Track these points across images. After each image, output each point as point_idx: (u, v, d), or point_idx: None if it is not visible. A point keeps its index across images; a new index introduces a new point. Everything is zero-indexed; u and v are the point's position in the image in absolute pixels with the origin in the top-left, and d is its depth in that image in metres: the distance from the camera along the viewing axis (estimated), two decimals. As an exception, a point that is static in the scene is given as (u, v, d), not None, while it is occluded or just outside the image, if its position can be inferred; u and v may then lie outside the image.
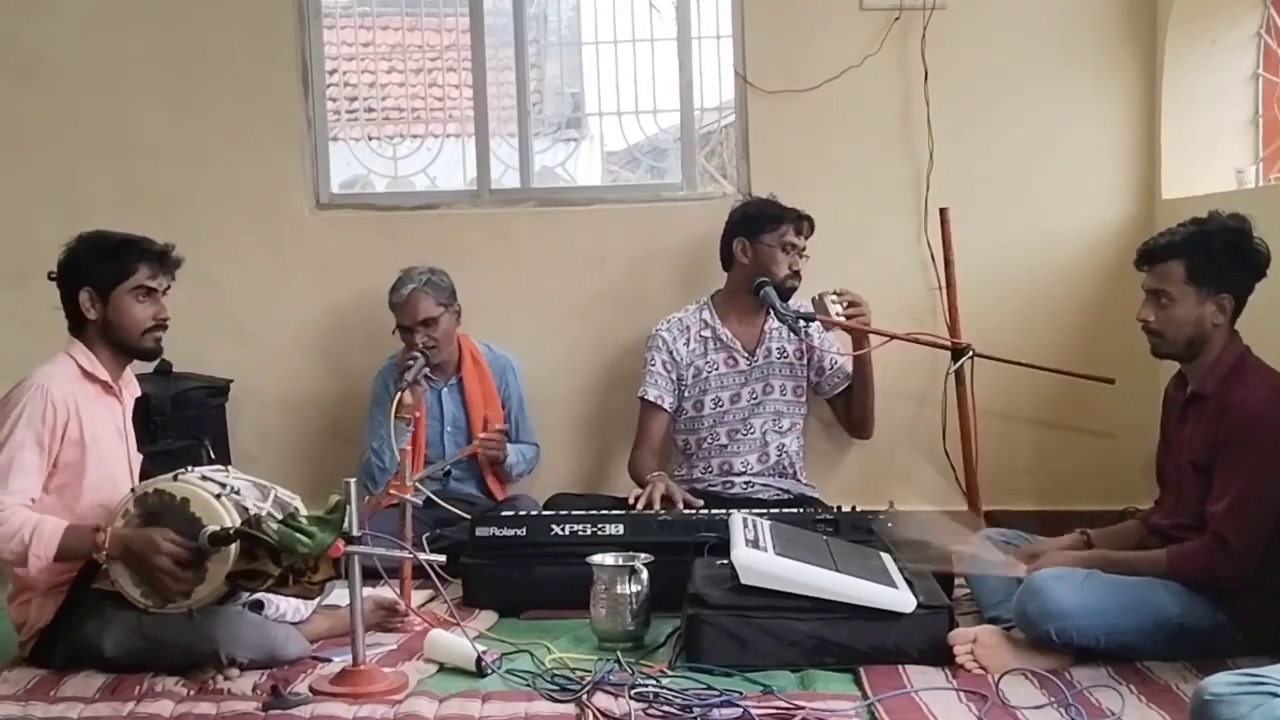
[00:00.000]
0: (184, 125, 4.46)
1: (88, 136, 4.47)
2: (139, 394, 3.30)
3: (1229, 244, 2.92)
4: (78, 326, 3.12)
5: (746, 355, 4.01)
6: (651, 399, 4.00)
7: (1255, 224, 2.94)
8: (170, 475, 2.92)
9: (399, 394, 3.69)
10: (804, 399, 4.06)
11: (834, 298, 3.91)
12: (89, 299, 3.08)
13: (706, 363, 4.01)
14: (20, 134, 4.49)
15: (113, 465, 3.11)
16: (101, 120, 4.47)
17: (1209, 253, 2.91)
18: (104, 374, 3.10)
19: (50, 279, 3.13)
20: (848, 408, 4.11)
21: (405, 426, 3.68)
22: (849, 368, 4.04)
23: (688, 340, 4.03)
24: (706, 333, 4.03)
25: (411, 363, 3.85)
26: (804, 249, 3.99)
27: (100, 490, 3.04)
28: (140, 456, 3.25)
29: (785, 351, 4.02)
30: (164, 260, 3.15)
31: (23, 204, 4.48)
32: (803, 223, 3.98)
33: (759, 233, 3.96)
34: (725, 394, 4.00)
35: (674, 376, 4.02)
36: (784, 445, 4.01)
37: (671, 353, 4.01)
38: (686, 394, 4.03)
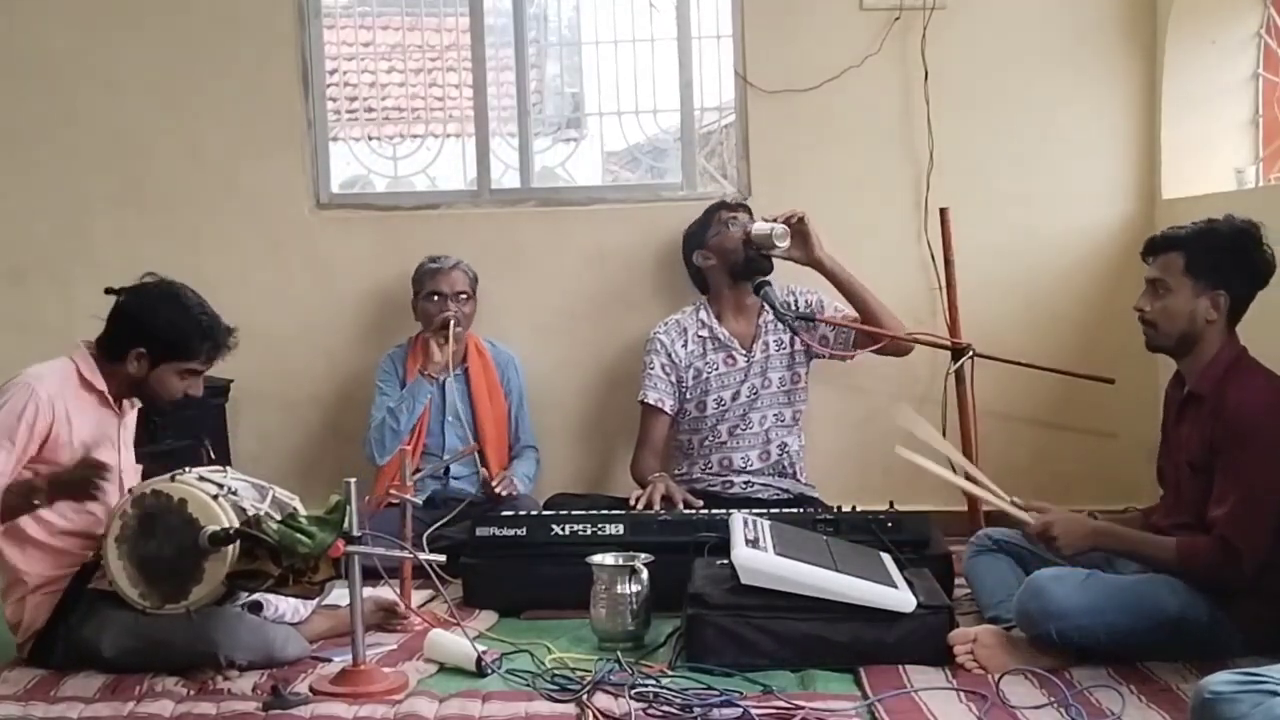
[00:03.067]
0: (184, 125, 4.46)
1: (88, 136, 4.47)
2: (139, 406, 3.27)
3: (1232, 242, 2.93)
4: (106, 354, 3.07)
5: (744, 352, 4.01)
6: (652, 402, 4.01)
7: (1264, 229, 2.94)
8: (167, 476, 2.91)
9: (432, 349, 3.92)
10: (803, 386, 4.04)
11: (770, 226, 3.91)
12: (137, 359, 3.04)
13: (706, 363, 4.01)
14: (20, 134, 4.49)
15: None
16: (101, 120, 4.47)
17: (1210, 247, 2.93)
18: (102, 385, 3.07)
19: (108, 293, 3.07)
20: (874, 340, 3.96)
21: (430, 384, 3.73)
22: (849, 310, 4.02)
23: (685, 342, 4.03)
24: (704, 333, 4.03)
25: (449, 315, 4.00)
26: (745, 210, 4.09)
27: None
28: (139, 468, 3.23)
29: (783, 343, 4.01)
30: (223, 352, 3.13)
31: (23, 203, 4.48)
32: (728, 208, 4.08)
33: (704, 237, 4.06)
34: (726, 393, 4.00)
35: (674, 379, 4.02)
36: (785, 444, 4.01)
37: (670, 355, 4.02)
38: (688, 395, 4.03)
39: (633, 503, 3.70)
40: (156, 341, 3.04)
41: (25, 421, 2.91)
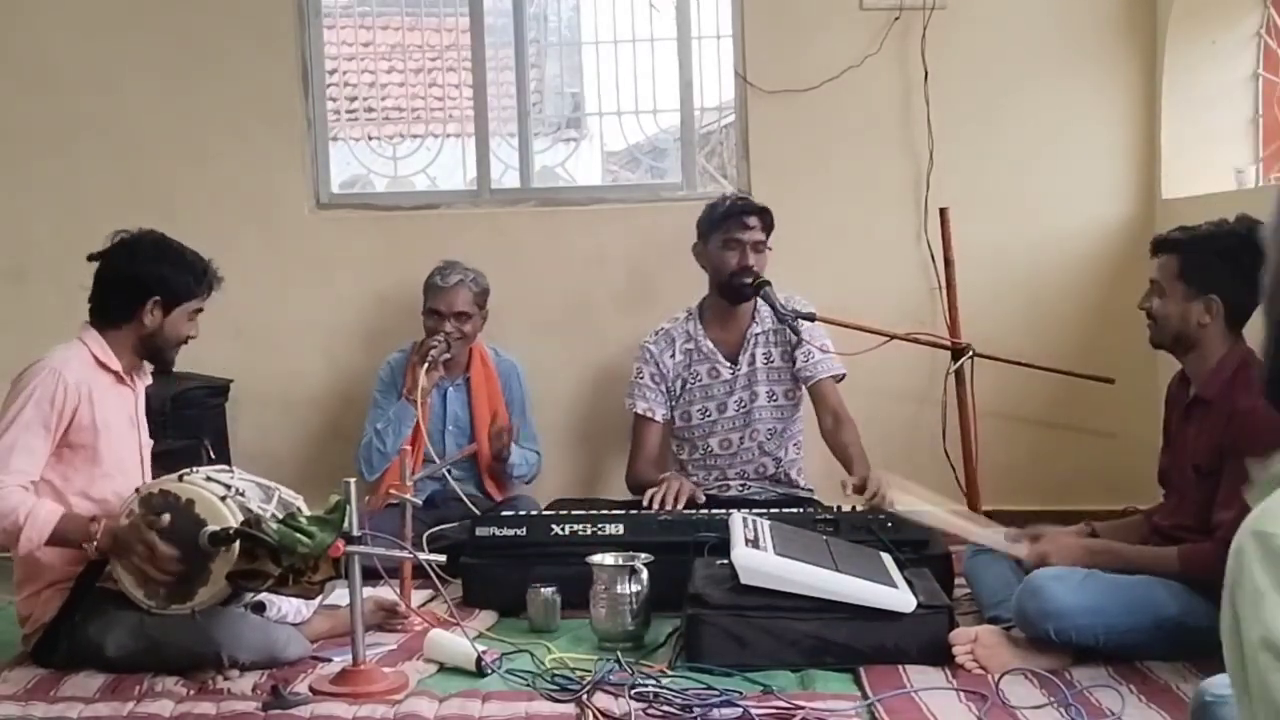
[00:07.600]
0: (184, 125, 4.47)
1: (87, 136, 4.47)
2: (150, 382, 3.30)
3: (1227, 248, 2.89)
4: (109, 321, 3.10)
5: (729, 364, 3.94)
6: (641, 411, 3.96)
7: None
8: (175, 475, 2.91)
9: (418, 373, 3.80)
10: (796, 402, 3.97)
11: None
12: (155, 308, 3.08)
13: (691, 374, 3.96)
14: (20, 133, 4.49)
15: (124, 453, 3.10)
16: (101, 120, 4.47)
17: (1204, 253, 2.92)
18: (116, 364, 3.10)
19: (91, 260, 3.10)
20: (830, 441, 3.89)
21: (414, 408, 3.72)
22: (833, 365, 3.88)
23: (673, 353, 3.97)
24: (690, 345, 3.96)
25: (436, 344, 3.92)
26: (759, 241, 3.86)
27: (112, 478, 3.03)
28: (151, 443, 3.25)
29: (771, 356, 3.93)
30: (218, 285, 3.22)
31: (22, 203, 4.49)
32: (748, 216, 3.85)
33: (709, 235, 3.91)
34: (711, 404, 3.95)
35: (663, 388, 3.97)
36: (780, 458, 3.95)
37: (659, 364, 3.96)
38: (676, 405, 3.98)
39: (647, 502, 3.64)
40: (166, 288, 3.08)
41: (56, 408, 2.93)
